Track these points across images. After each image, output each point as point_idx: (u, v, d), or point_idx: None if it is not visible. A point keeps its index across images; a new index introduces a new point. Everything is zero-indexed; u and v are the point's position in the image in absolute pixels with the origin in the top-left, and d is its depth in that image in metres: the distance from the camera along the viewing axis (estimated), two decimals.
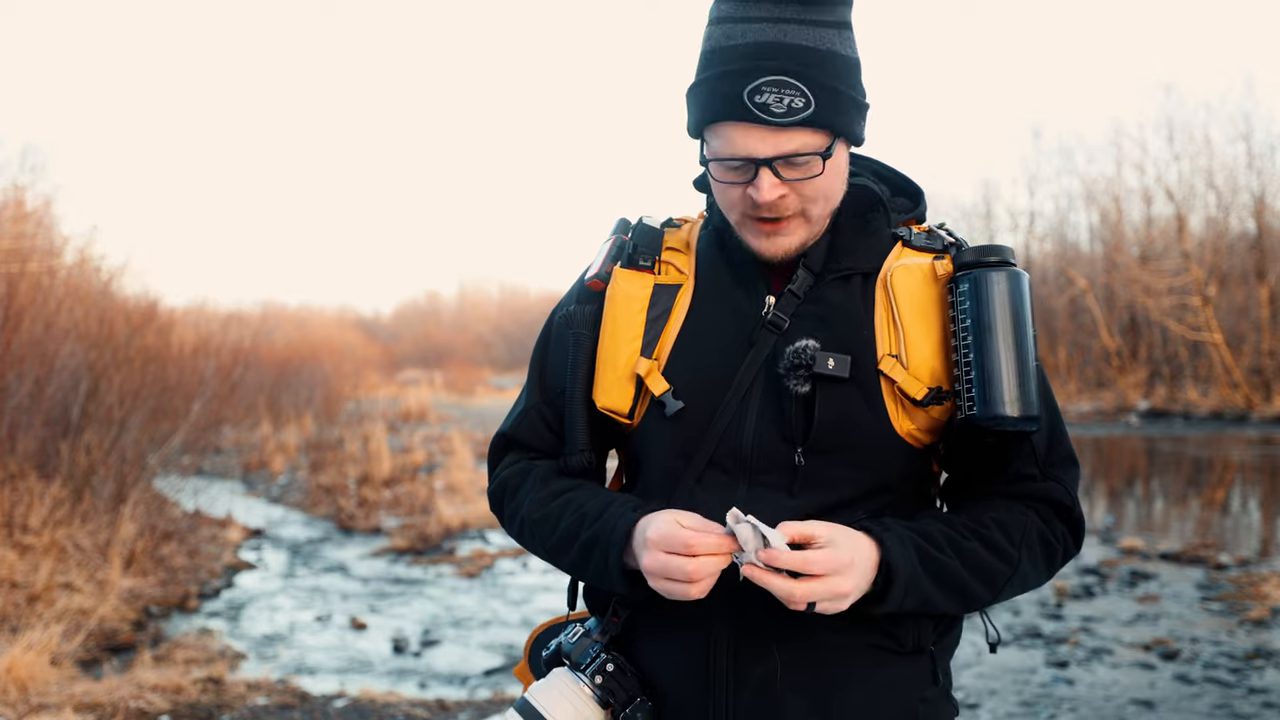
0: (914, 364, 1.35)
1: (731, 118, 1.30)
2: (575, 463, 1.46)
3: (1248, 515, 11.53)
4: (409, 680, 5.61)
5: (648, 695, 1.39)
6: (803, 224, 1.36)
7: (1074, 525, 1.43)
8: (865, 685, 1.36)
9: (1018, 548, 1.36)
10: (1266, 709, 5.00)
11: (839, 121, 1.32)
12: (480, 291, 76.04)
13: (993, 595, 1.36)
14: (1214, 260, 27.31)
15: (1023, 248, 33.44)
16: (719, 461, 1.37)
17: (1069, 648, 6.07)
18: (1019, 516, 1.38)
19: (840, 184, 1.38)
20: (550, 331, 1.53)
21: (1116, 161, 31.43)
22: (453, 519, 10.19)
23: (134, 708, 4.75)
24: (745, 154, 1.31)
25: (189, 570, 7.95)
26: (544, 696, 1.37)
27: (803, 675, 1.35)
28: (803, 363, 1.33)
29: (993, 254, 1.35)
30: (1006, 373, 1.30)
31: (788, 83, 1.28)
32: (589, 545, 1.36)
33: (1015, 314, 1.32)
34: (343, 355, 26.08)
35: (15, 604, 6.15)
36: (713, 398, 1.37)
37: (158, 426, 9.23)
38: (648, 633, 1.41)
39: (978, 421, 1.31)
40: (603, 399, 1.42)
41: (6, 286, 7.71)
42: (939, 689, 1.43)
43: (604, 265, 1.46)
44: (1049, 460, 1.41)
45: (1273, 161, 28.32)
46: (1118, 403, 26.90)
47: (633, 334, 1.41)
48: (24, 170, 9.80)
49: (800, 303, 1.39)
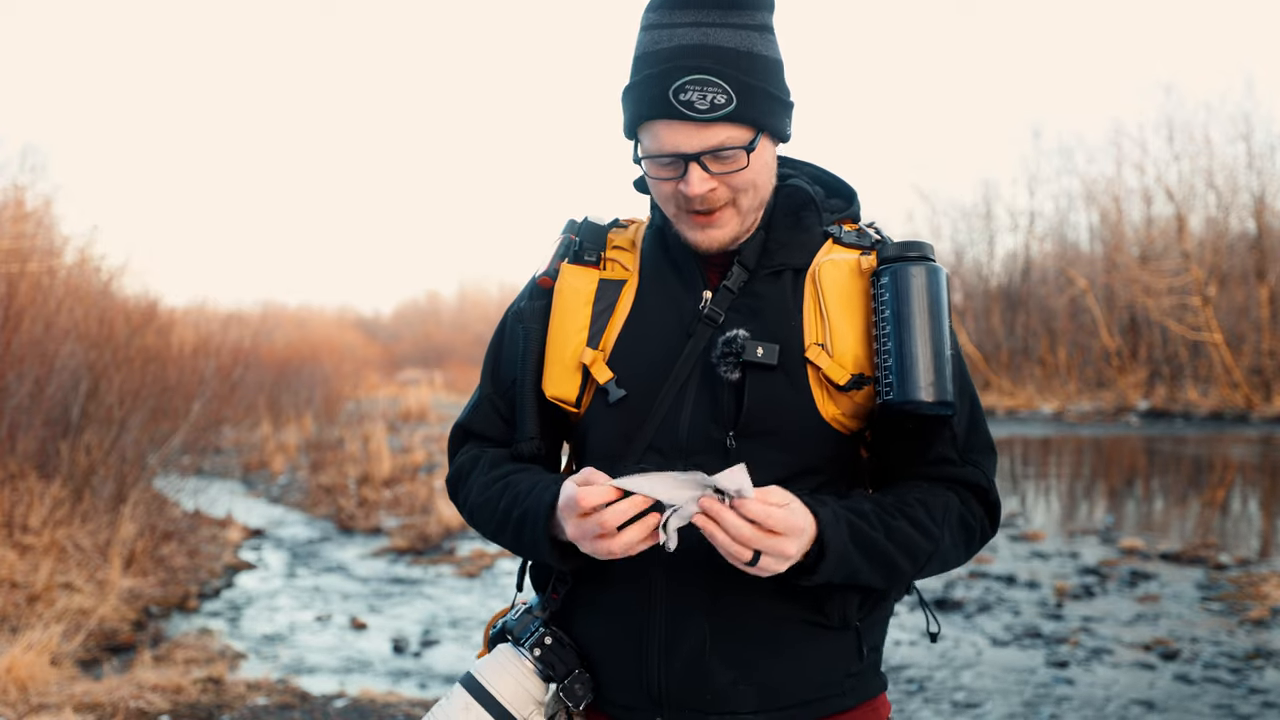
0: (838, 352, 1.42)
1: (659, 116, 1.38)
2: (525, 449, 1.53)
3: (1248, 515, 11.53)
4: (409, 680, 5.61)
5: (585, 667, 1.47)
6: (734, 214, 1.44)
7: (990, 508, 1.50)
8: (792, 657, 1.43)
9: (940, 526, 1.42)
10: (1266, 709, 5.01)
11: (761, 117, 1.39)
12: (480, 291, 75.96)
13: (915, 571, 1.42)
14: (1214, 260, 27.30)
15: (1023, 248, 33.47)
16: (657, 446, 1.44)
17: (1069, 648, 6.07)
18: (940, 497, 1.45)
19: (768, 177, 1.46)
20: (504, 327, 1.61)
21: (1116, 161, 31.45)
22: (453, 519, 10.19)
23: (134, 708, 4.75)
24: (673, 149, 1.39)
25: (189, 570, 7.95)
26: (488, 670, 1.44)
27: (731, 644, 1.41)
28: (733, 351, 1.39)
29: (913, 250, 1.42)
30: (922, 360, 1.36)
31: (710, 81, 1.36)
32: (520, 521, 1.43)
33: (932, 306, 1.38)
34: (343, 355, 26.11)
35: (15, 604, 6.15)
36: (653, 386, 1.45)
37: (158, 426, 9.24)
38: (584, 607, 1.49)
39: (895, 405, 1.37)
40: (551, 388, 1.49)
41: (6, 286, 7.71)
42: (865, 663, 1.49)
43: (552, 263, 1.54)
44: (968, 446, 1.48)
45: (1273, 161, 28.33)
46: (1118, 403, 26.90)
47: (578, 325, 1.49)
48: (24, 170, 9.82)
49: (735, 297, 1.47)
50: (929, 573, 1.46)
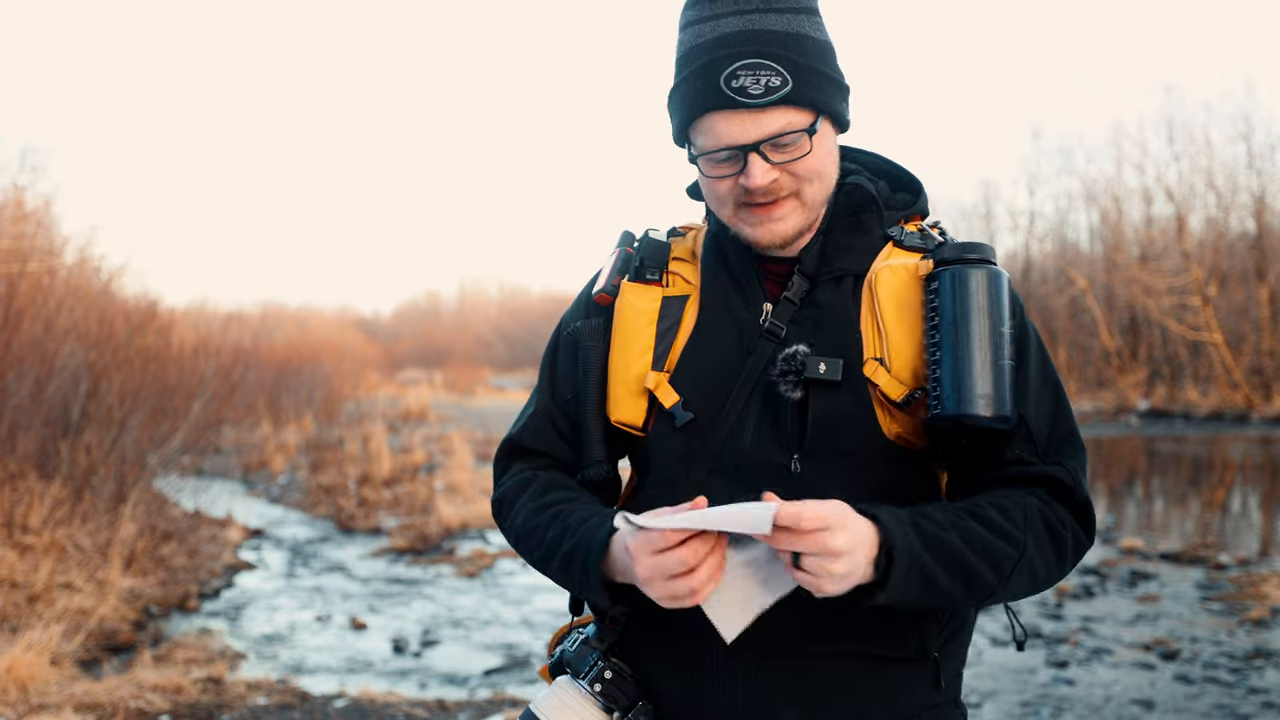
0: (897, 366, 1.33)
1: (712, 107, 1.31)
2: (593, 475, 1.44)
3: (1248, 515, 11.53)
4: (409, 680, 5.61)
5: (648, 699, 1.38)
6: (798, 207, 1.35)
7: (1079, 509, 1.34)
8: (864, 693, 1.34)
9: (1022, 530, 1.28)
10: (1266, 709, 5.00)
11: (820, 98, 1.32)
12: (480, 291, 76.05)
13: (1000, 580, 1.27)
14: (1214, 260, 27.31)
15: (1023, 248, 33.45)
16: (719, 469, 1.36)
17: (1069, 648, 6.07)
18: (1018, 499, 1.31)
19: (832, 165, 1.37)
20: (558, 341, 1.53)
21: (1116, 161, 31.48)
22: (453, 519, 10.19)
23: (134, 708, 4.75)
24: (729, 142, 1.31)
25: (189, 570, 7.95)
26: (547, 705, 1.38)
27: (797, 682, 1.33)
28: (793, 368, 1.32)
29: (973, 251, 1.33)
30: (978, 370, 1.27)
31: (763, 64, 1.28)
32: (570, 556, 1.34)
33: (991, 311, 1.29)
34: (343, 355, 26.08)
35: (15, 604, 6.14)
36: (714, 407, 1.37)
37: (158, 426, 9.23)
38: (644, 638, 1.40)
39: (942, 419, 1.27)
40: (616, 413, 1.42)
41: (6, 286, 7.71)
42: (943, 696, 1.38)
43: (610, 279, 1.46)
44: (1049, 443, 1.35)
45: (1273, 161, 28.31)
46: (1118, 403, 26.89)
47: (643, 347, 1.41)
48: (24, 170, 9.79)
49: (796, 309, 1.39)
50: (1018, 585, 1.30)
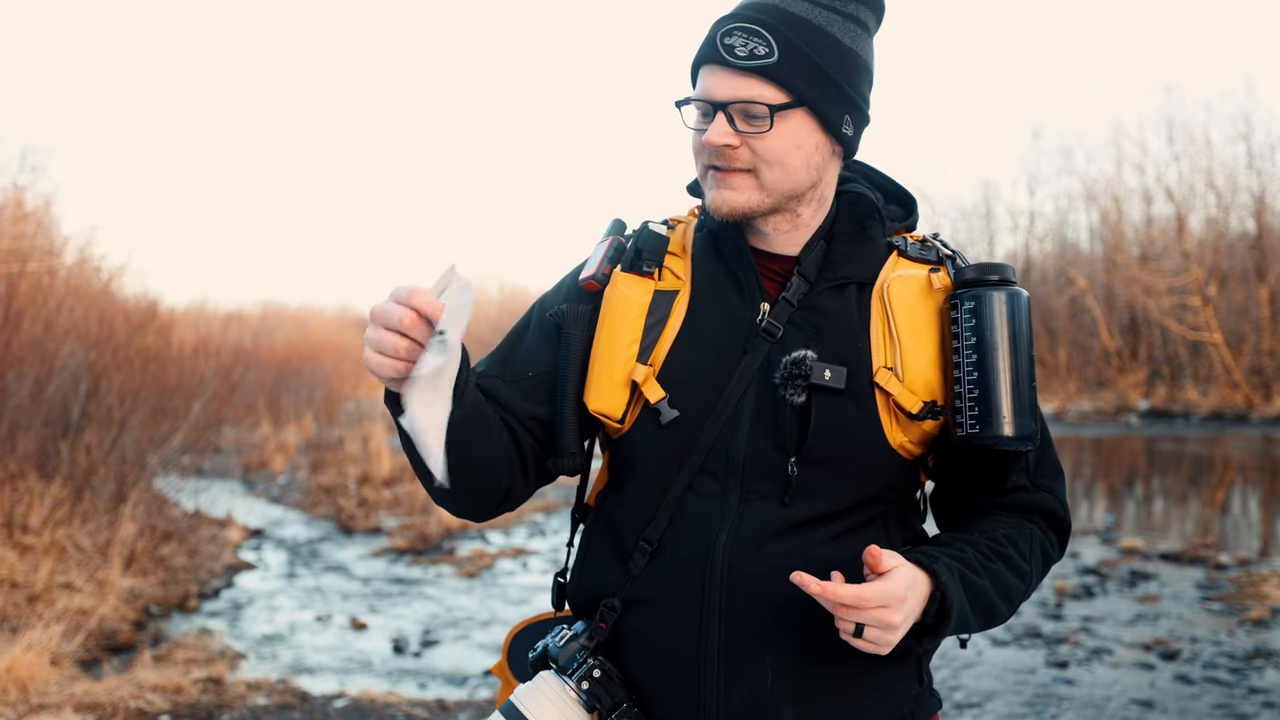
0: (909, 377, 1.35)
1: (703, 60, 1.36)
2: (566, 465, 1.43)
3: (1248, 515, 11.53)
4: (409, 680, 5.61)
5: (634, 701, 1.37)
6: (752, 184, 1.35)
7: (1064, 534, 1.47)
8: (859, 689, 1.37)
9: (1030, 563, 1.39)
10: (1266, 709, 5.00)
11: (806, 90, 1.32)
12: (480, 292, 76.04)
13: (1010, 612, 1.39)
14: (1214, 260, 27.30)
15: (1023, 248, 33.45)
16: (710, 469, 1.36)
17: (1069, 648, 6.07)
18: (1026, 532, 1.41)
19: (800, 162, 1.35)
20: (531, 320, 1.50)
21: (1116, 161, 31.42)
22: (452, 519, 10.18)
23: (134, 708, 4.75)
24: (705, 95, 1.35)
25: (189, 570, 7.95)
26: (530, 700, 1.37)
27: (796, 679, 1.34)
28: (800, 373, 1.32)
29: (994, 272, 1.35)
30: (1006, 394, 1.31)
31: (756, 31, 1.32)
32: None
33: (1015, 334, 1.32)
34: (343, 355, 26.05)
35: (15, 604, 6.15)
36: (706, 405, 1.36)
37: (158, 426, 9.23)
38: (635, 637, 1.38)
39: (976, 441, 1.32)
40: (595, 402, 1.40)
41: (6, 286, 7.71)
42: (923, 687, 1.45)
43: (600, 267, 1.43)
44: (1039, 471, 1.43)
45: (1273, 161, 28.29)
46: (1118, 403, 26.89)
47: (630, 339, 1.39)
48: (24, 170, 9.78)
49: (794, 310, 1.38)
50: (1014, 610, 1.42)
